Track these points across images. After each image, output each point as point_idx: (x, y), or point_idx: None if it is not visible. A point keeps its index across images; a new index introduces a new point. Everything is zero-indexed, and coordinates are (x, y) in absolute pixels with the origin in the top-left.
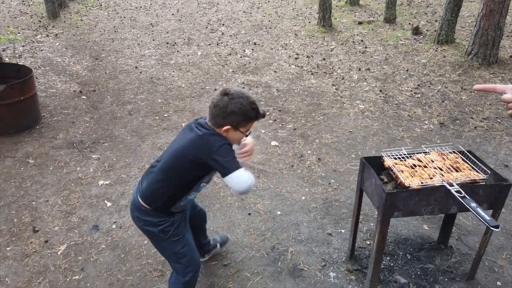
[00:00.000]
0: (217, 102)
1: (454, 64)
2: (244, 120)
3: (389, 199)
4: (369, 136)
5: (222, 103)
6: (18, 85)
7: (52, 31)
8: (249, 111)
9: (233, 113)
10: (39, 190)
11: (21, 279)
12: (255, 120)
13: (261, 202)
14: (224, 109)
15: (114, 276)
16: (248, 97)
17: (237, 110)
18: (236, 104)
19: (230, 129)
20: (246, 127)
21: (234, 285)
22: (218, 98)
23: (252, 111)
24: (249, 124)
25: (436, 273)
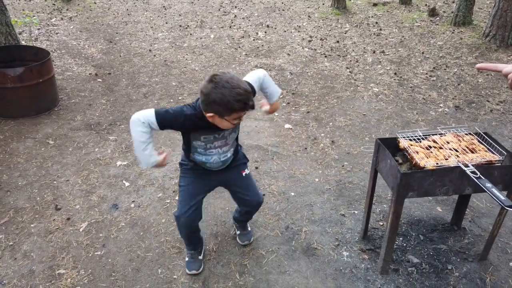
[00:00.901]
0: (202, 88)
1: (471, 46)
2: (226, 111)
3: (404, 179)
4: (383, 119)
5: (205, 90)
6: (36, 68)
7: (66, 14)
8: (231, 103)
9: (214, 103)
10: (59, 170)
11: (45, 254)
12: (241, 112)
13: (275, 184)
14: (207, 97)
15: (134, 252)
16: (234, 88)
17: (219, 100)
18: (218, 94)
19: (215, 116)
20: (232, 117)
21: (249, 262)
22: (204, 84)
23: (236, 103)
24: (235, 115)
25: (448, 254)
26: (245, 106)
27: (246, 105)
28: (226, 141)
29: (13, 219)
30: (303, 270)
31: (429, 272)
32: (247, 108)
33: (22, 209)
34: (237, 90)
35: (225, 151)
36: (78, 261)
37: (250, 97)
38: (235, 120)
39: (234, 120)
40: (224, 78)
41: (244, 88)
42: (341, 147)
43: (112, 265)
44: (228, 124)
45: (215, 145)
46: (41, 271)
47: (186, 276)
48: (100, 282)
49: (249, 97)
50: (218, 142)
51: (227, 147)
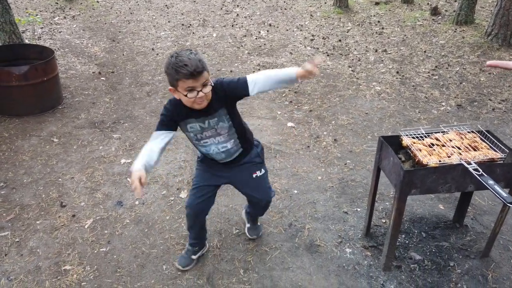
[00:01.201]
0: None
1: (473, 45)
2: (174, 80)
3: (407, 177)
4: (385, 118)
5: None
6: (41, 66)
7: (69, 13)
8: (174, 70)
9: (166, 73)
10: (64, 167)
11: (51, 250)
12: (187, 78)
13: (278, 181)
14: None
15: (139, 249)
16: (180, 56)
17: (166, 69)
18: (167, 63)
19: (172, 90)
20: (182, 87)
21: (253, 259)
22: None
23: (178, 69)
24: (182, 83)
25: (451, 251)
26: (187, 72)
27: (187, 72)
28: (217, 131)
29: (19, 216)
30: (306, 266)
31: (432, 269)
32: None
33: (27, 206)
34: (180, 57)
35: (222, 142)
36: (83, 258)
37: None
38: (187, 92)
39: (186, 91)
40: (178, 51)
41: (189, 57)
42: (344, 146)
43: (117, 261)
44: (185, 99)
45: (206, 135)
46: (47, 267)
47: (191, 272)
48: (105, 278)
49: (192, 64)
50: (208, 132)
51: (222, 137)
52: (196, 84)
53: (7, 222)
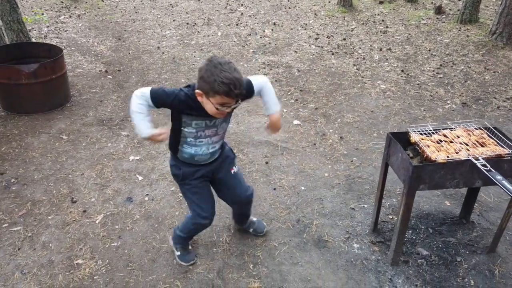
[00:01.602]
0: (200, 65)
1: (478, 44)
2: (211, 91)
3: (416, 172)
4: (390, 116)
5: (200, 66)
6: (50, 64)
7: (74, 12)
8: (217, 83)
9: (203, 79)
10: (74, 164)
11: (63, 245)
12: (226, 96)
13: (286, 178)
14: (199, 72)
15: (150, 244)
16: (225, 70)
17: (207, 77)
18: (208, 71)
19: (201, 94)
20: (216, 99)
21: (262, 254)
22: (202, 62)
23: (221, 84)
24: (218, 98)
25: (457, 246)
26: (229, 91)
27: (230, 91)
28: (216, 131)
29: (31, 211)
30: (315, 261)
31: (439, 264)
32: (231, 95)
33: (39, 202)
34: (226, 73)
35: (214, 142)
36: (95, 252)
37: (238, 85)
38: (219, 105)
39: (218, 105)
40: (220, 60)
41: (234, 75)
42: (350, 143)
43: (129, 255)
44: (210, 107)
45: (206, 133)
46: (60, 261)
47: (202, 266)
48: (117, 272)
49: (236, 85)
50: (209, 130)
51: (217, 137)
52: (231, 102)
53: (20, 217)
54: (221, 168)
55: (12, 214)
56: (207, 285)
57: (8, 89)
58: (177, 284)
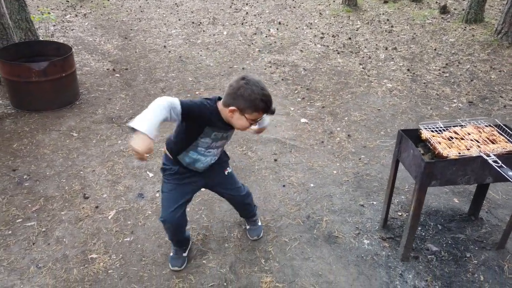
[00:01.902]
0: (233, 83)
1: (483, 43)
2: (250, 108)
3: (428, 168)
4: (397, 114)
5: (236, 84)
6: (59, 62)
7: (80, 11)
8: (258, 100)
9: (242, 97)
10: (85, 161)
11: (77, 240)
12: (263, 112)
13: (294, 175)
14: (236, 90)
15: (162, 239)
16: (263, 88)
17: (247, 95)
18: (248, 89)
19: (236, 111)
20: (252, 116)
21: (273, 249)
22: (235, 80)
23: (261, 102)
24: (255, 114)
25: (466, 242)
26: (267, 107)
27: (268, 108)
28: (225, 142)
29: (44, 207)
30: (325, 256)
31: (448, 259)
32: (268, 111)
33: (52, 198)
34: (265, 91)
35: (217, 154)
36: (109, 247)
37: (272, 101)
38: (252, 120)
39: (251, 120)
40: (255, 79)
41: (269, 92)
42: (357, 141)
43: (142, 250)
44: (244, 123)
45: (217, 144)
46: (74, 256)
47: (214, 261)
48: (131, 266)
49: (271, 101)
50: (220, 142)
51: (221, 149)
52: (261, 117)
53: (33, 213)
54: (213, 172)
55: (25, 209)
56: (220, 279)
57: (18, 86)
58: (190, 278)
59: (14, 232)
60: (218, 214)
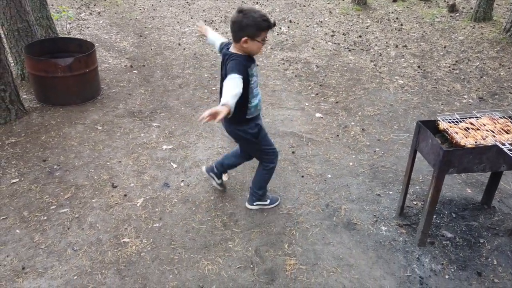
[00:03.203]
0: (234, 19)
1: (492, 41)
2: (257, 30)
3: (446, 156)
4: (409, 109)
5: (238, 19)
6: (83, 58)
7: (94, 9)
8: (261, 22)
9: (247, 26)
10: (110, 152)
11: (109, 225)
12: (267, 29)
13: (312, 167)
14: (240, 23)
15: (189, 225)
16: (259, 11)
17: (251, 22)
18: (249, 18)
19: (248, 39)
20: (261, 37)
21: (296, 235)
22: (234, 16)
23: (263, 22)
24: (263, 34)
25: (480, 229)
26: (269, 23)
27: (270, 23)
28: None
29: (75, 195)
30: (345, 242)
31: (463, 245)
32: (271, 25)
33: (82, 186)
34: (261, 12)
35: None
36: (139, 232)
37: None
38: (262, 40)
39: (262, 40)
40: (249, 7)
41: (264, 12)
42: (372, 135)
43: (171, 235)
44: (258, 45)
45: (258, 79)
46: (107, 240)
47: (241, 245)
48: (162, 249)
49: (269, 17)
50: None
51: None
52: (267, 35)
53: (65, 200)
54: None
55: (58, 197)
56: (246, 261)
57: (45, 81)
58: (218, 261)
59: (49, 218)
60: (241, 202)
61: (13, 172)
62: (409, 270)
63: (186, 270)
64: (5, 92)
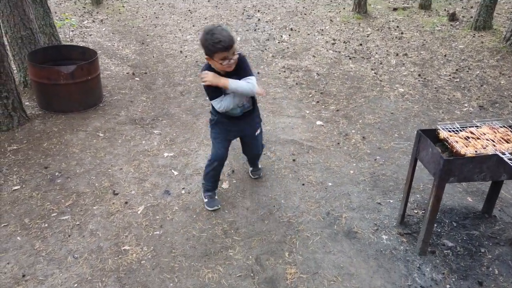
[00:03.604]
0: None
1: (492, 50)
2: (210, 52)
3: (446, 165)
4: (410, 117)
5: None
6: (86, 66)
7: (97, 17)
8: (208, 45)
9: (202, 46)
10: (112, 159)
11: (110, 232)
12: (219, 52)
13: (313, 175)
14: (200, 42)
15: (190, 232)
16: (212, 33)
17: (202, 43)
18: (201, 39)
19: (208, 58)
20: (216, 57)
21: (296, 243)
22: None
23: (211, 45)
24: (217, 55)
25: (481, 239)
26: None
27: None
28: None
29: (76, 202)
30: (346, 250)
31: (464, 254)
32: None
33: (83, 194)
34: (216, 35)
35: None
36: (140, 239)
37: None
38: (221, 61)
39: (220, 60)
40: (210, 27)
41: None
42: (372, 143)
43: (171, 243)
44: (218, 65)
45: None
46: (108, 247)
47: (241, 253)
48: (162, 257)
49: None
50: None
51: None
52: (228, 54)
53: (67, 207)
54: (248, 129)
55: (59, 204)
56: (246, 270)
57: (47, 89)
58: (219, 269)
59: (50, 225)
60: (241, 210)
61: (14, 179)
62: (410, 279)
63: (186, 278)
64: (7, 99)
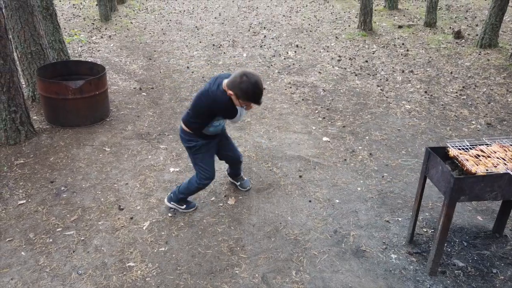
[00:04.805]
0: (237, 75)
1: (499, 67)
2: (243, 98)
3: (457, 184)
4: (417, 134)
5: (239, 78)
6: (94, 81)
7: (105, 33)
8: (251, 94)
9: (240, 89)
10: (118, 174)
11: (115, 248)
12: (253, 103)
13: (320, 191)
14: (239, 83)
15: (195, 249)
16: (256, 84)
17: (245, 88)
18: (247, 84)
19: (233, 96)
20: (244, 102)
21: (303, 262)
22: (238, 74)
23: (253, 96)
24: (246, 102)
25: (492, 259)
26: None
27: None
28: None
29: (82, 217)
30: (354, 269)
31: (475, 275)
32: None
33: (88, 209)
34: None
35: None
36: (145, 256)
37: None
38: (244, 104)
39: (244, 104)
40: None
41: (262, 89)
42: (379, 160)
43: (177, 260)
44: (238, 103)
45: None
46: (112, 264)
47: (247, 271)
48: (167, 274)
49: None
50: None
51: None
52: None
53: (72, 223)
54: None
55: (64, 219)
56: None
57: (55, 103)
58: (224, 287)
59: (54, 240)
60: (248, 227)
61: (20, 193)
62: None
63: None
64: (16, 114)
